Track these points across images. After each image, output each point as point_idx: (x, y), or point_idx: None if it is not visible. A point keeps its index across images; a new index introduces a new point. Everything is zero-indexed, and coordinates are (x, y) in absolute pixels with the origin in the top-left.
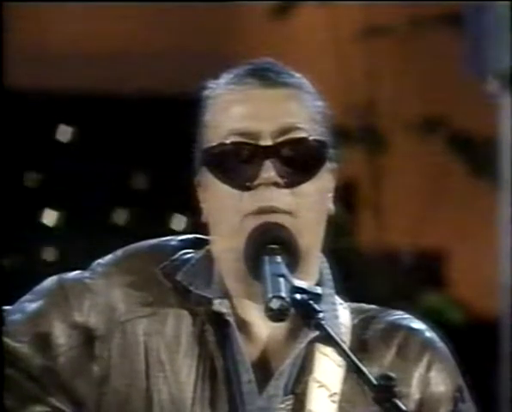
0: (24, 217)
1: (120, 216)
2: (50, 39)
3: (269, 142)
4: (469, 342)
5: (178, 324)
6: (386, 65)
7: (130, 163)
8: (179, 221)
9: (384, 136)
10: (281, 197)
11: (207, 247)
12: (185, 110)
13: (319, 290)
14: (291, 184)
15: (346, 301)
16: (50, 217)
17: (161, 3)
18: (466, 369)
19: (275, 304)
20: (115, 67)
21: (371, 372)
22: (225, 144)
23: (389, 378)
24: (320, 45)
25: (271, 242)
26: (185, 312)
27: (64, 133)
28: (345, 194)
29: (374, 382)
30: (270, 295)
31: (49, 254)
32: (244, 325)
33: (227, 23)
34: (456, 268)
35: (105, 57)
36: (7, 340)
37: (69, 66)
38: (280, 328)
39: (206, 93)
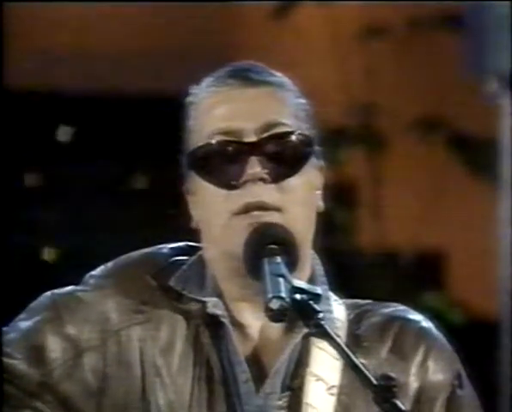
0: (24, 217)
1: (120, 216)
2: (50, 38)
3: (253, 139)
4: (469, 342)
5: (172, 329)
6: (385, 66)
7: (131, 163)
8: (178, 223)
9: (384, 136)
10: (268, 193)
11: (199, 253)
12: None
13: (318, 290)
14: (277, 178)
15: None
16: (50, 217)
17: (162, 5)
18: (465, 370)
19: (275, 304)
20: (116, 67)
21: (369, 364)
22: (210, 144)
23: (389, 378)
24: (320, 45)
25: (270, 242)
26: (179, 317)
27: (65, 133)
28: (345, 194)
29: (374, 382)
30: (269, 296)
31: (49, 254)
32: (238, 326)
33: (226, 24)
34: (456, 268)
35: (106, 57)
36: (3, 359)
37: (69, 66)
38: (274, 326)
39: (189, 98)
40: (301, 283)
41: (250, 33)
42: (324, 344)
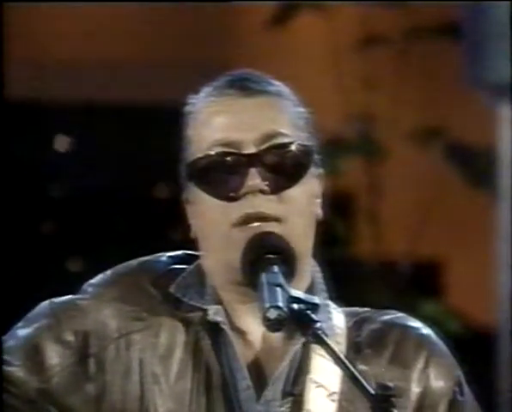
0: (23, 229)
1: (120, 226)
2: (47, 48)
3: (252, 150)
4: (467, 351)
5: (172, 336)
6: (384, 75)
7: (128, 174)
8: (178, 233)
9: (382, 145)
10: (268, 204)
11: (197, 261)
12: (182, 120)
13: (316, 300)
14: (277, 190)
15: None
16: (50, 228)
17: (160, 15)
18: (464, 378)
19: (272, 314)
20: (112, 77)
21: (369, 371)
22: (209, 156)
23: (387, 388)
24: (318, 55)
25: (267, 252)
26: (179, 324)
27: (63, 143)
28: (343, 204)
29: (372, 392)
30: (267, 305)
31: (48, 267)
32: (239, 333)
33: (224, 33)
34: (454, 277)
35: (101, 67)
36: (2, 366)
37: (66, 76)
38: (274, 333)
39: (187, 108)
40: (298, 293)
41: (247, 43)
42: (324, 351)
